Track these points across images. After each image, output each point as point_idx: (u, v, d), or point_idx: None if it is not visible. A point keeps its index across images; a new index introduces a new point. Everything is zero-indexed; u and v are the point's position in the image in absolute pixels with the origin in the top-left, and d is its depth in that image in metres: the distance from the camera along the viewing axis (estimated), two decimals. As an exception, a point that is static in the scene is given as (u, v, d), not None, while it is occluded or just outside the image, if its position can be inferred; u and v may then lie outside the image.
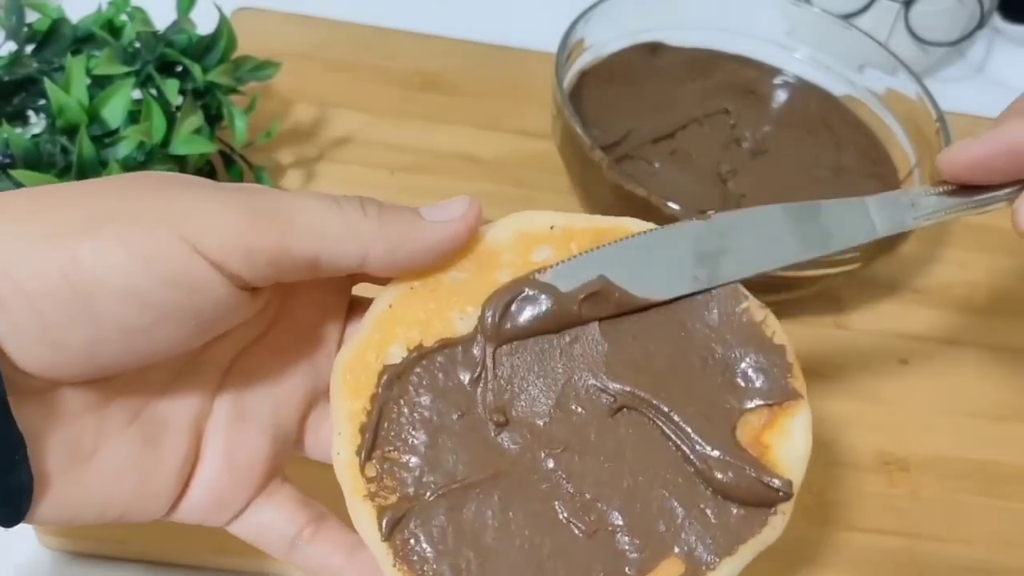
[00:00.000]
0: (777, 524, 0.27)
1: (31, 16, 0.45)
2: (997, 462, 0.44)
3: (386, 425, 0.27)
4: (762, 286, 0.44)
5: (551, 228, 0.28)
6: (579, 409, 0.27)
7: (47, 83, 0.40)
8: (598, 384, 0.27)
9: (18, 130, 0.42)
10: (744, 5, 0.55)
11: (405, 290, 0.27)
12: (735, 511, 0.27)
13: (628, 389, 0.27)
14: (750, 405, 0.28)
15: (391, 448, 0.27)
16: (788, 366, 0.28)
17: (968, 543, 0.41)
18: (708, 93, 0.53)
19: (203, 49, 0.47)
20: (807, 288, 0.46)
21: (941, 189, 0.31)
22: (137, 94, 0.43)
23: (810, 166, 0.50)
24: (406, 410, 0.27)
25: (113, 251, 0.21)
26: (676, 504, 0.27)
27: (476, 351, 0.27)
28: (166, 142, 0.42)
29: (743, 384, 0.28)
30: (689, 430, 0.27)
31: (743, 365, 0.28)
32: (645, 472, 0.27)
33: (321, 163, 0.53)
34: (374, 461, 0.27)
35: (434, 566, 0.26)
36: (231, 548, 0.36)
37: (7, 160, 0.41)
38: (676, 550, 0.26)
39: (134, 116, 0.42)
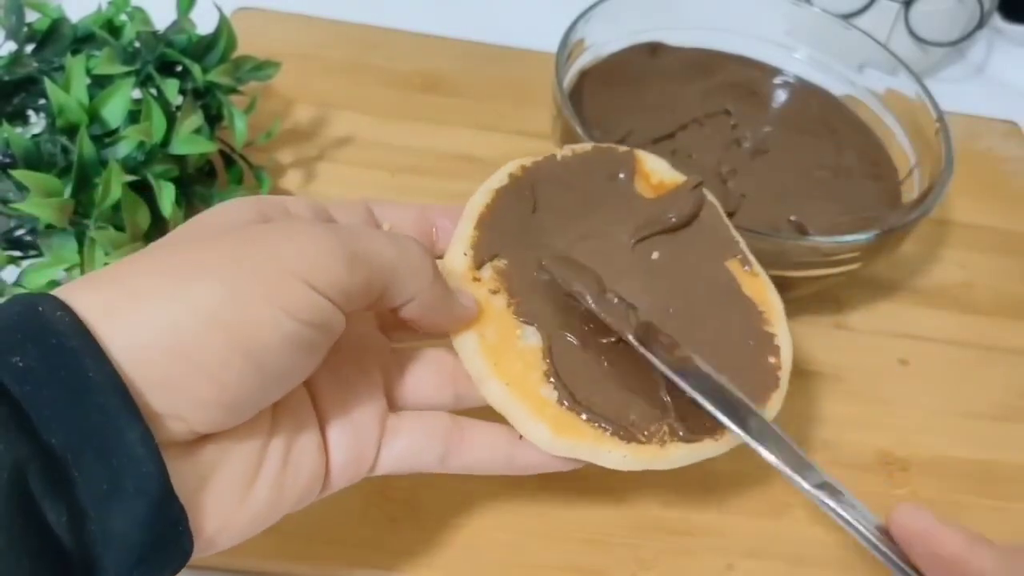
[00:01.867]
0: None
1: (31, 16, 0.45)
2: (997, 462, 0.44)
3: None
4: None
5: None
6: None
7: (47, 83, 0.40)
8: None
9: (18, 130, 0.42)
10: (744, 5, 0.55)
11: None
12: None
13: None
14: None
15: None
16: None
17: (968, 543, 0.41)
18: (708, 93, 0.53)
19: (203, 49, 0.47)
20: (807, 288, 0.46)
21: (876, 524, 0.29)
22: (137, 94, 0.43)
23: (810, 166, 0.50)
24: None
25: (263, 308, 0.24)
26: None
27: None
28: (166, 142, 0.42)
29: None
30: None
31: None
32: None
33: (321, 163, 0.53)
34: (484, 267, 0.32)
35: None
36: (234, 548, 0.36)
37: (7, 160, 0.41)
38: None
39: (134, 116, 0.42)
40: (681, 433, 0.31)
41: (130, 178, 0.41)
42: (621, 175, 0.37)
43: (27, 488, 0.20)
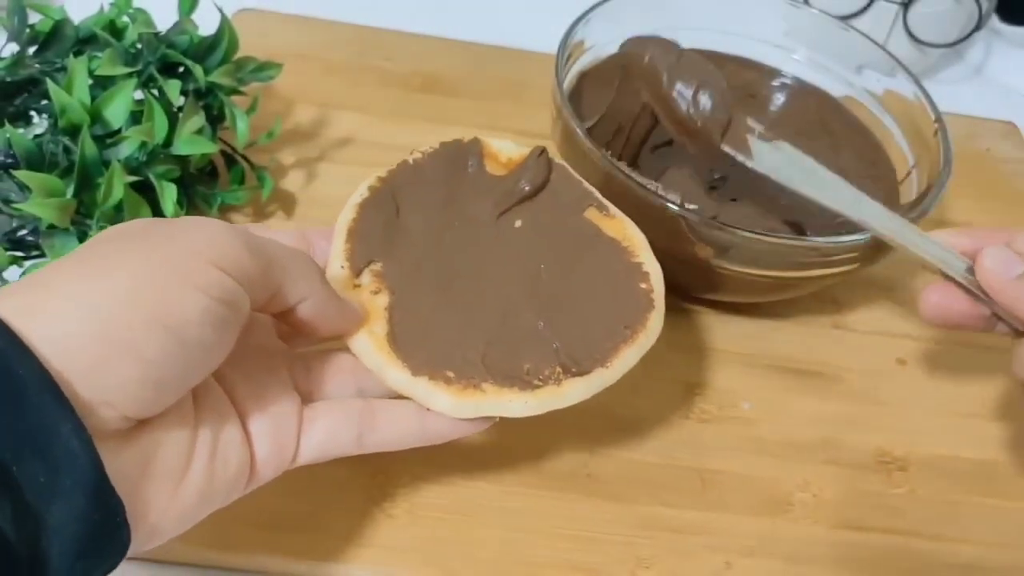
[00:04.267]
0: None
1: (33, 17, 0.45)
2: (996, 462, 0.44)
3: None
4: (762, 286, 0.44)
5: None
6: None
7: (49, 84, 0.41)
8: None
9: (20, 130, 0.42)
10: (743, 7, 0.55)
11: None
12: None
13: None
14: None
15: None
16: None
17: (966, 542, 0.41)
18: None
19: (205, 50, 0.47)
20: (805, 288, 0.47)
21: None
22: (139, 95, 0.43)
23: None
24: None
25: (180, 288, 0.25)
26: None
27: None
28: (168, 142, 0.43)
29: None
30: None
31: None
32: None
33: (322, 163, 0.53)
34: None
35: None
36: (231, 545, 0.36)
37: (10, 160, 0.41)
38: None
39: (136, 117, 0.42)
40: (573, 369, 0.33)
41: (132, 178, 0.41)
42: (471, 162, 0.40)
43: None
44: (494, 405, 0.32)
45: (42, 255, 0.41)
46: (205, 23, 0.48)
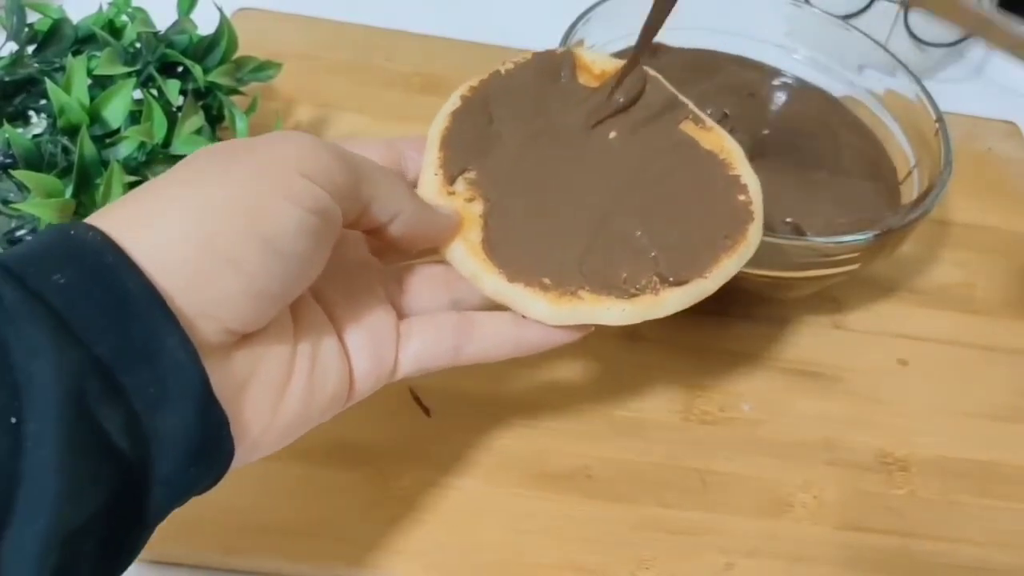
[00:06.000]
0: None
1: (32, 17, 0.45)
2: (997, 462, 0.44)
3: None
4: (762, 287, 0.44)
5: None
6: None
7: (48, 83, 0.40)
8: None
9: (19, 130, 0.42)
10: (744, 6, 0.55)
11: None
12: None
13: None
14: None
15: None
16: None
17: (967, 543, 0.41)
18: (707, 95, 0.53)
19: (204, 50, 0.47)
20: (806, 289, 0.47)
21: None
22: (138, 94, 0.43)
23: (808, 168, 0.50)
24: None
25: (274, 199, 0.25)
26: None
27: None
28: (167, 142, 0.43)
29: None
30: None
31: None
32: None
33: (322, 164, 0.53)
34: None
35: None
36: (233, 547, 0.36)
37: (8, 160, 0.41)
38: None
39: (135, 116, 0.42)
40: (671, 279, 0.33)
41: (131, 179, 0.41)
42: (563, 73, 0.38)
43: (85, 397, 0.21)
44: (592, 312, 0.32)
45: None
46: (204, 22, 0.48)
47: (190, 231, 0.24)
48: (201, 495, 0.26)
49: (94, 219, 0.24)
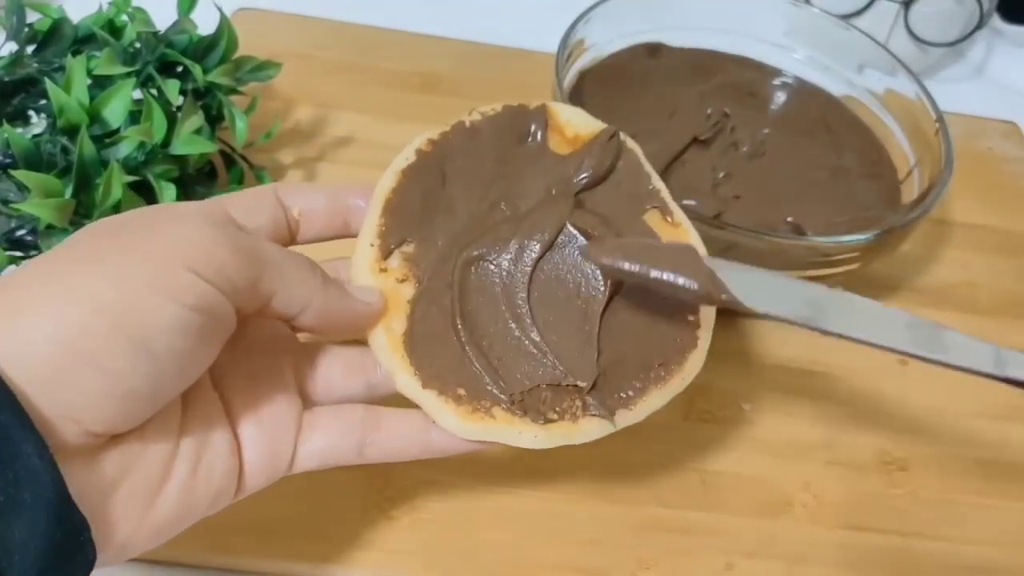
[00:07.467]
0: None
1: (32, 16, 0.45)
2: (997, 462, 0.44)
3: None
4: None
5: None
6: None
7: (48, 83, 0.40)
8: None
9: (19, 130, 0.42)
10: (744, 6, 0.55)
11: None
12: None
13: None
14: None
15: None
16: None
17: (968, 543, 0.41)
18: (707, 95, 0.53)
19: (204, 49, 0.47)
20: (807, 288, 0.46)
21: None
22: (138, 94, 0.43)
23: (808, 168, 0.50)
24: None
25: (148, 295, 0.24)
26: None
27: None
28: (167, 142, 0.43)
29: None
30: None
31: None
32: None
33: (321, 163, 0.53)
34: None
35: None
36: (231, 547, 0.36)
37: (8, 160, 0.41)
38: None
39: (135, 116, 0.42)
40: (593, 410, 0.31)
41: (131, 178, 0.41)
42: (533, 133, 0.35)
43: None
44: (502, 433, 0.30)
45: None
46: (204, 22, 0.48)
47: (51, 331, 0.22)
48: None
49: None
